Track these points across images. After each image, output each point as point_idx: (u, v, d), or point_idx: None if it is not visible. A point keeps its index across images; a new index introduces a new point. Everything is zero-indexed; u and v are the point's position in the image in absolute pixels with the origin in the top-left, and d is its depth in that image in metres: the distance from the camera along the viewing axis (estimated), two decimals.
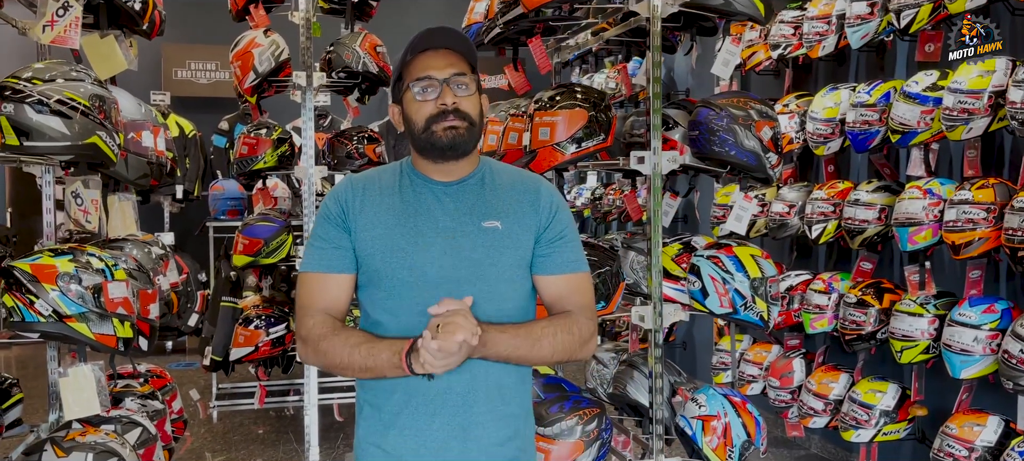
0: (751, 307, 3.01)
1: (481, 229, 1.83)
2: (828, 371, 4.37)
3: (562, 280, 1.89)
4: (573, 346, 1.85)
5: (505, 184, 1.91)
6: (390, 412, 1.84)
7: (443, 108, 1.79)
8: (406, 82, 1.83)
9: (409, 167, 1.91)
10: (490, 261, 1.82)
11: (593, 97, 3.06)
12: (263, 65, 4.61)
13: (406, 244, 1.81)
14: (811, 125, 4.35)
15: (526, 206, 1.88)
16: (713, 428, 3.08)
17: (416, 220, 1.83)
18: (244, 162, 4.87)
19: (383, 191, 1.88)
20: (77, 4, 2.53)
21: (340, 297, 1.86)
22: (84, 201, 2.64)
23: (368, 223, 1.84)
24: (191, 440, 5.50)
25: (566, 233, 1.91)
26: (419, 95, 1.80)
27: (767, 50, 4.81)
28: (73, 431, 2.64)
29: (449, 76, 1.80)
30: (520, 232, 1.86)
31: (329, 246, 1.86)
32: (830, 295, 4.29)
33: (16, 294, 2.49)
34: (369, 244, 1.83)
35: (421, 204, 1.85)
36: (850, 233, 4.08)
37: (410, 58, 1.83)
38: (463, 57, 1.84)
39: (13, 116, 2.41)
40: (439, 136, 1.80)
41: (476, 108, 1.84)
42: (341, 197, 1.88)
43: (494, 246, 1.83)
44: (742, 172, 3.07)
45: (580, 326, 1.86)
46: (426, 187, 1.87)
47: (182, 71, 8.18)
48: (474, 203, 1.86)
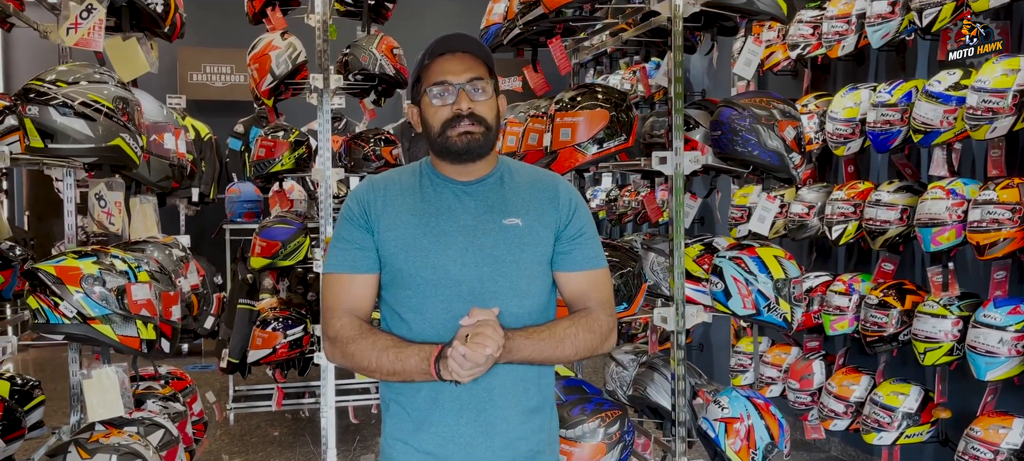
0: (774, 308, 2.99)
1: (502, 226, 1.86)
2: (849, 373, 4.33)
3: (582, 276, 1.92)
4: (595, 343, 1.88)
5: (524, 182, 1.94)
6: (418, 410, 1.87)
7: (459, 113, 1.82)
8: (423, 86, 1.86)
9: (428, 167, 1.94)
10: (511, 258, 1.85)
11: (614, 97, 3.04)
12: (280, 68, 4.62)
13: (428, 243, 1.84)
14: (831, 125, 4.32)
15: (546, 203, 1.91)
16: (736, 430, 3.06)
17: (437, 219, 1.86)
18: (261, 164, 4.88)
19: (403, 191, 1.91)
20: (100, 7, 2.53)
21: (365, 297, 1.89)
22: (107, 203, 2.65)
23: (390, 223, 1.87)
24: (208, 442, 5.52)
25: (586, 230, 1.94)
26: (436, 100, 1.83)
27: (785, 50, 4.78)
28: (96, 433, 2.65)
29: (466, 81, 1.83)
30: (540, 229, 1.88)
31: (352, 247, 1.88)
32: (850, 296, 4.26)
33: (41, 296, 2.49)
34: (392, 244, 1.86)
35: (442, 203, 1.88)
36: (871, 234, 4.05)
37: (428, 62, 1.85)
38: (481, 61, 1.86)
39: (38, 118, 2.42)
40: (454, 141, 1.83)
41: (492, 112, 1.87)
42: (362, 198, 1.91)
43: (515, 243, 1.86)
44: (765, 172, 3.04)
45: (601, 323, 1.89)
46: (446, 186, 1.90)
47: (198, 75, 8.21)
48: (494, 201, 1.89)
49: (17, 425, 3.13)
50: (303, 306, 5.15)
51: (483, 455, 1.85)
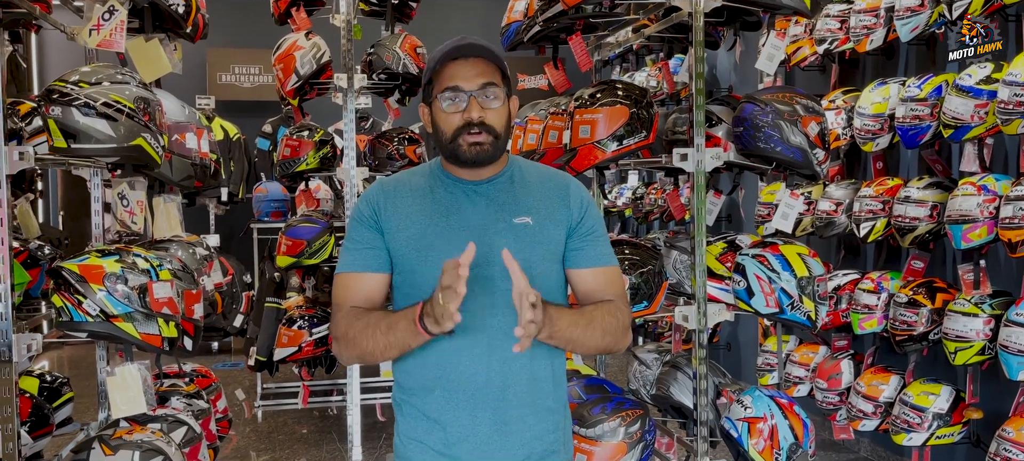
0: (798, 307, 2.95)
1: (512, 225, 1.87)
2: (878, 373, 4.27)
3: (596, 273, 1.92)
4: (618, 331, 1.88)
5: (534, 181, 1.94)
6: (431, 410, 1.87)
7: (469, 121, 1.81)
8: (435, 90, 1.86)
9: (439, 168, 1.95)
10: (522, 256, 1.81)
11: (634, 94, 3.02)
12: (305, 68, 4.65)
13: (439, 242, 1.85)
14: (858, 121, 4.25)
15: (557, 202, 1.91)
16: (759, 430, 3.02)
17: (448, 218, 1.87)
18: (287, 164, 4.92)
19: (414, 192, 1.92)
20: (122, 8, 2.56)
21: (373, 296, 1.89)
22: (130, 202, 2.68)
23: (400, 224, 1.88)
24: (236, 439, 5.58)
25: (597, 228, 1.95)
26: (447, 105, 1.83)
27: (812, 45, 4.71)
28: (120, 430, 2.68)
29: (477, 87, 1.82)
30: (551, 227, 1.89)
31: (363, 247, 1.89)
32: (879, 295, 4.19)
33: (65, 294, 2.53)
34: (402, 244, 1.87)
35: (453, 203, 1.89)
36: (900, 231, 3.98)
37: (439, 67, 1.85)
38: (493, 65, 1.86)
39: (61, 119, 2.45)
40: (464, 150, 1.84)
41: (503, 119, 1.86)
42: (372, 200, 1.92)
43: (526, 241, 1.86)
44: (788, 169, 3.00)
45: (621, 312, 1.90)
46: (457, 186, 1.90)
47: (226, 75, 8.29)
48: (505, 200, 1.89)
49: (45, 421, 3.17)
50: (329, 305, 5.16)
51: (498, 454, 1.85)
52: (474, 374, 1.84)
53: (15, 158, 2.43)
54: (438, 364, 1.85)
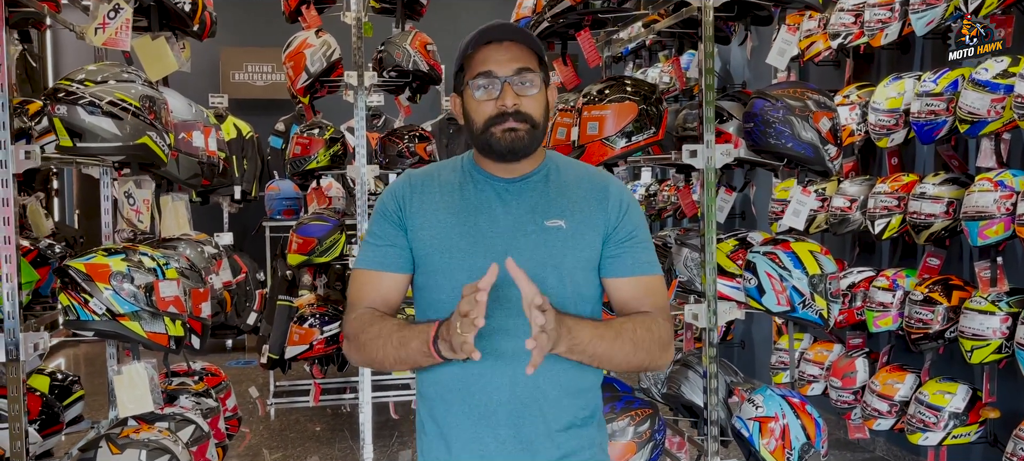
0: (810, 305, 2.91)
1: (544, 228, 1.73)
2: (893, 371, 4.21)
3: (635, 282, 1.76)
4: (653, 347, 1.72)
5: (571, 180, 1.80)
6: (451, 428, 1.76)
7: (503, 110, 1.68)
8: (467, 76, 1.73)
9: (470, 163, 1.82)
10: (553, 262, 1.72)
11: (643, 90, 2.99)
12: (315, 65, 4.64)
13: (465, 244, 1.73)
14: (873, 116, 4.20)
15: (593, 204, 1.77)
16: (771, 430, 2.98)
17: (476, 218, 1.75)
18: (297, 162, 4.92)
19: (442, 188, 1.79)
20: (127, 6, 2.56)
21: (390, 296, 1.78)
22: (136, 201, 2.67)
23: (425, 222, 1.77)
24: (250, 436, 5.59)
25: (637, 233, 1.78)
26: (479, 92, 1.70)
27: (826, 40, 4.66)
28: (127, 428, 2.68)
29: (512, 73, 1.69)
30: (586, 231, 1.75)
31: (384, 243, 1.79)
32: (894, 292, 4.14)
33: (71, 293, 2.53)
34: (426, 243, 1.76)
35: (482, 202, 1.76)
36: (916, 228, 3.93)
37: (472, 51, 1.71)
38: (530, 50, 1.73)
39: (66, 118, 2.45)
40: (498, 139, 1.70)
41: (540, 107, 1.73)
42: (398, 194, 1.81)
43: (558, 246, 1.73)
44: (800, 165, 2.96)
45: (659, 326, 1.73)
46: (488, 184, 1.78)
47: (239, 74, 8.31)
48: (537, 201, 1.76)
49: (55, 420, 3.18)
50: (340, 302, 5.18)
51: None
52: (497, 389, 1.71)
53: (21, 157, 2.43)
54: (461, 376, 1.73)
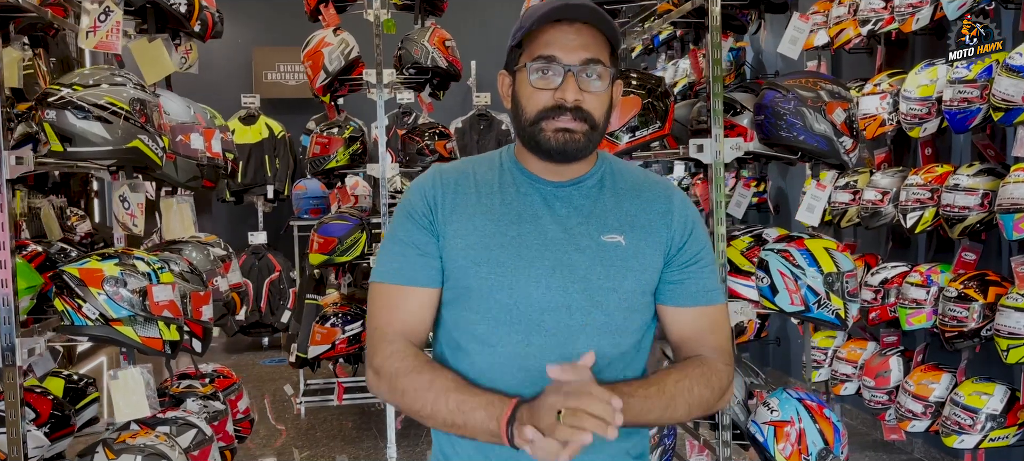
0: (825, 304, 2.78)
1: (600, 244, 1.49)
2: (928, 371, 4.04)
3: (697, 314, 1.53)
4: (711, 400, 1.50)
5: (629, 189, 1.56)
6: (463, 458, 1.53)
7: (561, 103, 1.44)
8: (524, 57, 1.47)
9: (511, 160, 1.56)
10: (610, 285, 1.48)
11: (649, 83, 2.89)
12: (333, 64, 4.63)
13: (506, 258, 1.47)
14: (904, 105, 4.02)
15: (656, 218, 1.53)
16: (786, 434, 2.86)
17: (519, 228, 1.49)
18: (317, 161, 4.91)
19: (479, 189, 1.54)
20: (117, 9, 2.55)
21: (422, 317, 1.52)
22: (131, 204, 2.67)
23: (461, 229, 1.50)
24: (285, 434, 5.62)
25: (703, 256, 1.55)
26: (537, 79, 1.45)
27: (856, 26, 4.48)
28: (126, 433, 2.67)
29: (579, 62, 1.44)
30: (648, 250, 1.51)
31: (412, 251, 1.51)
32: (928, 288, 3.97)
33: (66, 298, 2.52)
34: (460, 255, 1.50)
35: (526, 208, 1.51)
36: (949, 221, 3.75)
37: (536, 27, 1.45)
38: (604, 38, 1.46)
39: (55, 122, 2.44)
40: (548, 137, 1.45)
41: (604, 106, 1.48)
42: (428, 192, 1.53)
43: (616, 266, 1.49)
44: (814, 158, 2.83)
45: (719, 375, 1.51)
46: (533, 187, 1.52)
47: (272, 74, 8.36)
48: (591, 210, 1.52)
49: (66, 423, 3.19)
50: (363, 301, 5.16)
51: None
52: None
53: (13, 163, 2.43)
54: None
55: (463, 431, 1.41)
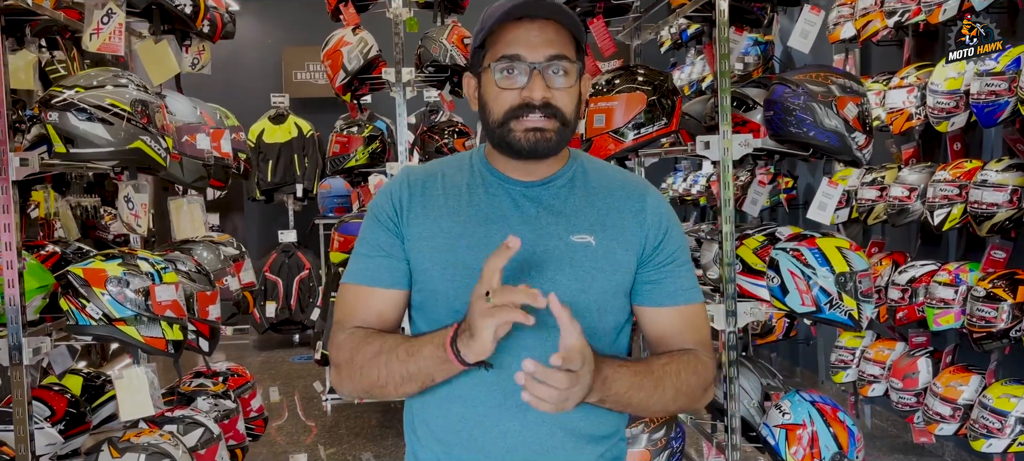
0: (838, 305, 2.70)
1: (569, 244, 1.47)
2: (957, 372, 3.92)
3: (675, 314, 1.51)
4: (697, 391, 1.49)
5: (601, 188, 1.53)
6: (428, 451, 1.52)
7: (529, 102, 1.41)
8: (488, 57, 1.45)
9: (481, 160, 1.54)
10: (579, 286, 1.46)
11: (656, 79, 2.83)
12: (352, 63, 4.64)
13: (472, 260, 1.44)
14: (932, 99, 3.90)
15: (628, 218, 1.50)
16: (798, 437, 2.80)
17: (486, 229, 1.48)
18: (337, 160, 4.93)
19: (447, 190, 1.52)
20: (120, 11, 2.57)
21: (385, 316, 1.50)
22: (135, 205, 2.69)
23: (426, 231, 1.49)
24: (316, 431, 5.67)
25: (679, 255, 1.53)
26: (502, 79, 1.43)
27: (883, 18, 4.36)
28: (131, 431, 2.70)
29: (544, 59, 1.42)
30: (619, 251, 1.49)
31: (377, 253, 1.50)
32: (957, 288, 3.84)
33: (70, 298, 2.55)
34: (426, 257, 1.48)
35: (494, 209, 1.49)
36: (977, 218, 3.63)
37: (497, 26, 1.43)
38: (568, 33, 1.44)
39: (58, 124, 2.47)
40: (519, 137, 1.43)
41: (572, 102, 1.45)
42: (395, 194, 1.53)
43: (585, 266, 1.46)
44: (825, 154, 2.76)
45: (705, 366, 1.50)
46: (502, 187, 1.50)
47: (301, 73, 8.43)
48: (561, 210, 1.49)
49: (81, 420, 3.24)
50: None
51: None
52: (504, 434, 1.45)
53: (18, 164, 2.46)
54: (462, 417, 1.47)
55: (420, 376, 1.40)
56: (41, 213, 4.18)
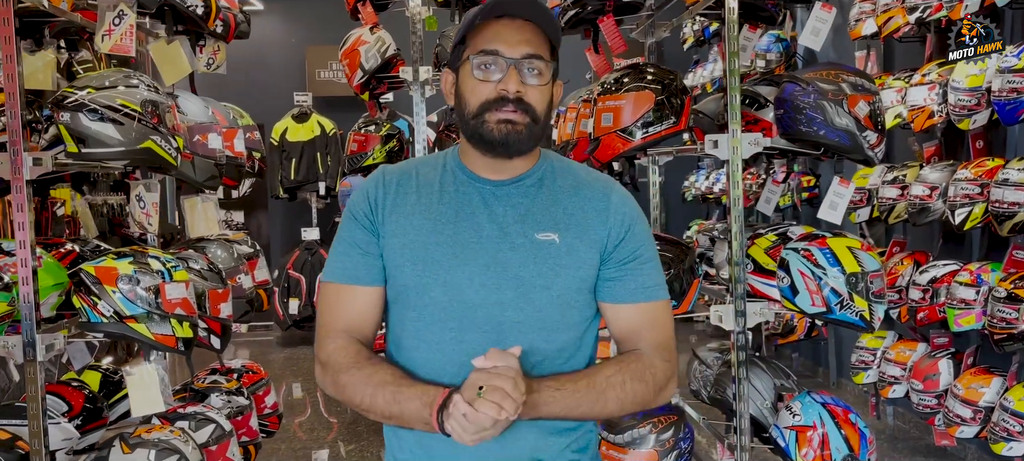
0: (849, 306, 2.67)
1: (534, 242, 1.52)
2: (978, 374, 3.86)
3: (635, 310, 1.56)
4: (646, 396, 1.52)
5: (567, 187, 1.58)
6: (410, 451, 1.57)
7: (503, 95, 1.47)
8: (467, 51, 1.51)
9: (455, 159, 1.59)
10: (542, 283, 1.51)
11: (665, 78, 2.81)
12: (369, 62, 4.65)
13: (442, 256, 1.51)
14: (953, 96, 3.84)
15: (592, 216, 1.55)
16: (808, 439, 2.77)
17: (456, 227, 1.53)
18: (355, 159, 4.96)
19: (420, 188, 1.57)
20: (131, 12, 2.60)
21: (366, 314, 1.56)
22: (146, 204, 2.72)
23: (399, 228, 1.55)
24: (337, 427, 5.72)
25: (642, 252, 1.56)
26: (479, 72, 1.48)
27: (905, 14, 4.30)
28: (142, 427, 2.73)
29: (521, 56, 1.47)
30: (582, 248, 1.54)
31: (355, 251, 1.56)
32: (978, 288, 3.78)
33: (82, 296, 2.59)
34: (398, 253, 1.54)
35: (464, 207, 1.55)
36: (998, 218, 3.57)
37: (479, 22, 1.49)
38: (544, 35, 1.50)
39: (70, 124, 2.51)
40: (491, 128, 1.48)
41: (544, 101, 1.51)
42: (370, 193, 1.58)
43: (549, 264, 1.52)
44: (836, 153, 2.72)
45: (654, 371, 1.53)
46: (472, 186, 1.56)
47: (324, 71, 8.48)
48: (528, 208, 1.54)
49: (98, 415, 3.28)
50: None
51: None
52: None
53: (31, 164, 2.50)
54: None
55: (400, 421, 1.47)
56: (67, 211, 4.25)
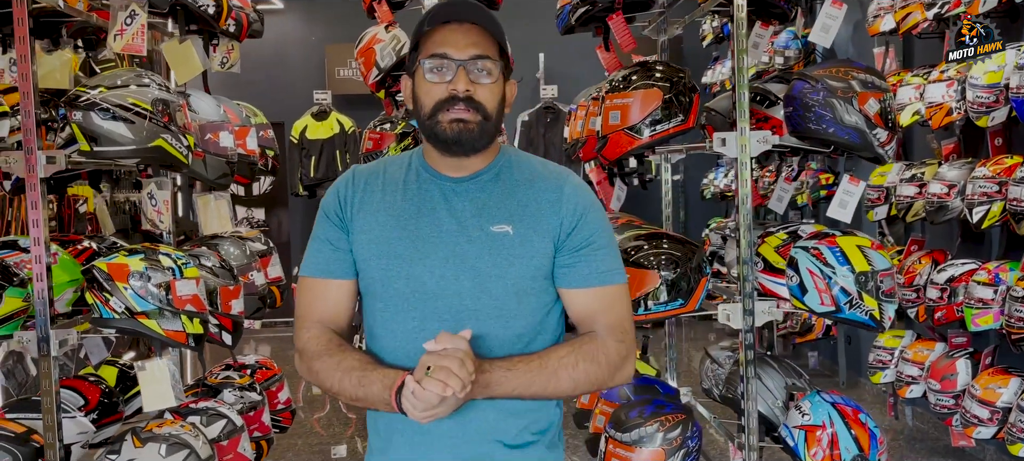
0: (858, 305, 2.65)
1: (489, 234, 1.61)
2: (996, 374, 3.81)
3: (589, 294, 1.64)
4: (600, 376, 1.61)
5: (522, 180, 1.66)
6: (383, 437, 1.67)
7: (454, 94, 1.56)
8: (420, 56, 1.61)
9: (419, 159, 1.70)
10: (497, 272, 1.60)
11: (673, 76, 2.79)
12: (385, 60, 4.66)
13: (404, 250, 1.62)
14: (971, 93, 3.80)
15: (544, 207, 1.63)
16: (817, 439, 2.75)
17: (417, 222, 1.63)
18: (370, 156, 4.96)
19: (387, 186, 1.67)
20: (142, 12, 2.63)
21: (340, 306, 1.67)
22: (157, 202, 2.76)
23: (366, 224, 1.65)
24: (355, 423, 5.75)
25: (596, 239, 1.64)
26: (430, 75, 1.58)
27: (923, 10, 4.25)
28: (153, 421, 2.77)
29: (468, 57, 1.57)
30: (535, 238, 1.62)
31: (327, 247, 1.67)
32: (996, 287, 3.73)
33: (95, 292, 2.63)
34: (365, 248, 1.65)
35: (425, 203, 1.65)
36: (1016, 216, 3.52)
37: (428, 29, 1.60)
38: (490, 36, 1.60)
39: (82, 123, 2.54)
40: (445, 128, 1.57)
41: (495, 99, 1.60)
42: (341, 191, 1.69)
43: (503, 254, 1.60)
44: (846, 151, 2.70)
45: (607, 351, 1.61)
46: (434, 183, 1.66)
47: (344, 70, 8.52)
48: (484, 203, 1.63)
49: (114, 409, 3.33)
50: None
51: None
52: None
53: (45, 162, 2.55)
54: None
55: (366, 403, 1.58)
56: (90, 208, 4.32)
